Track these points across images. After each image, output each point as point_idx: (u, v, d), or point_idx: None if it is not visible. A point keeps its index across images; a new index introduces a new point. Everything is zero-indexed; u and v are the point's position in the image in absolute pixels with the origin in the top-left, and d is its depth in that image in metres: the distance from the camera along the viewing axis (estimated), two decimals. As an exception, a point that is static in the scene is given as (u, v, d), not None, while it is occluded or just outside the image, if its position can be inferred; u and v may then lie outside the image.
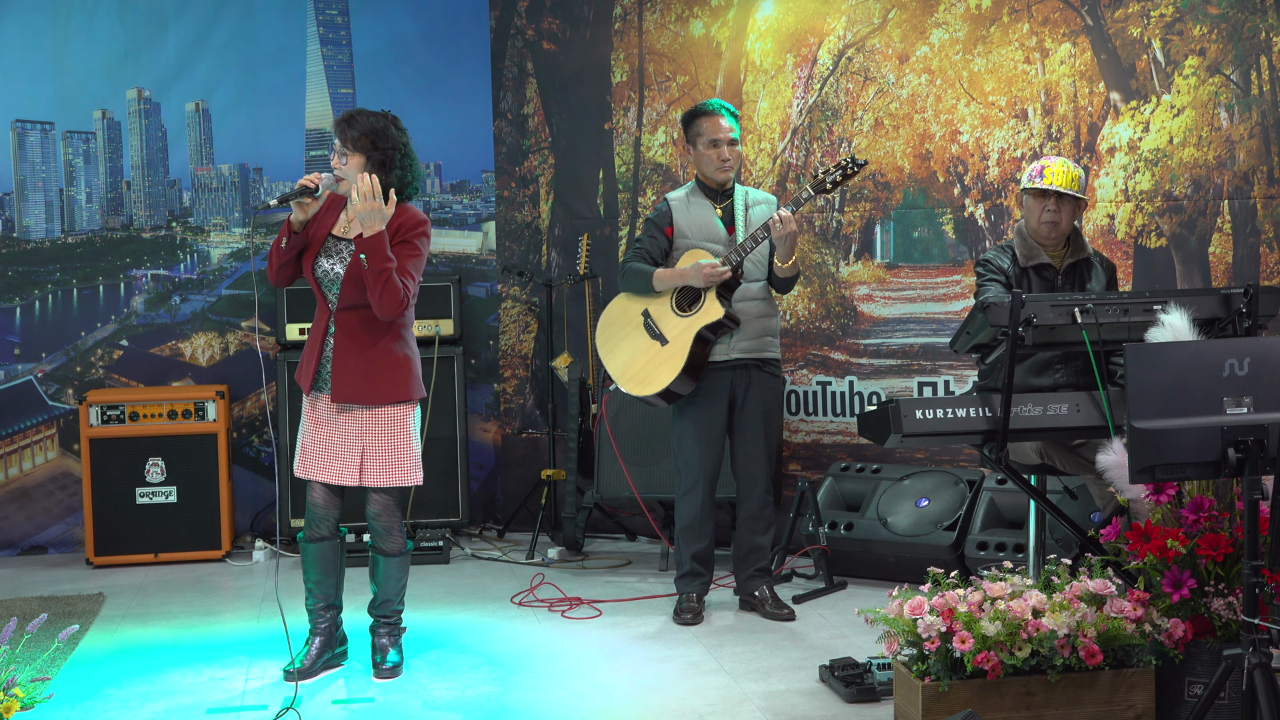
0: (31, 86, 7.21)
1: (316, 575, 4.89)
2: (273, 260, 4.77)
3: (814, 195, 5.31)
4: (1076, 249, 5.07)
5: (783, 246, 5.32)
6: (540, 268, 7.51)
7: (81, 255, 7.32)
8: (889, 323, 6.57)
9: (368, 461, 4.77)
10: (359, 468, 4.76)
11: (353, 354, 4.74)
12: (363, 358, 4.73)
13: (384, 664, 4.87)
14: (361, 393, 4.74)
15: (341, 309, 4.75)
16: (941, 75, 6.37)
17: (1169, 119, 5.91)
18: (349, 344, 4.75)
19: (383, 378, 4.76)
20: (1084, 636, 3.99)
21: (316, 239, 4.77)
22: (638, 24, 7.18)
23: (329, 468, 4.78)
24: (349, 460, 4.76)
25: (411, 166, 4.80)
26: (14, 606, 5.78)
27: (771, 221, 5.25)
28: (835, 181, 5.27)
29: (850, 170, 5.27)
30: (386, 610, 4.95)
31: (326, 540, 4.87)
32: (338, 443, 4.78)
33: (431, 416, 6.71)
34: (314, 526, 4.85)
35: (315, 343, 4.81)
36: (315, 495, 4.83)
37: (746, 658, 5.01)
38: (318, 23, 7.49)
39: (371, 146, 4.70)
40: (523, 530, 7.28)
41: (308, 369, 4.81)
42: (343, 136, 4.72)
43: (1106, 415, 4.38)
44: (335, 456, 4.77)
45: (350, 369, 4.73)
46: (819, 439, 6.72)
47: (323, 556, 4.87)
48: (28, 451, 7.23)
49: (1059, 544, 5.45)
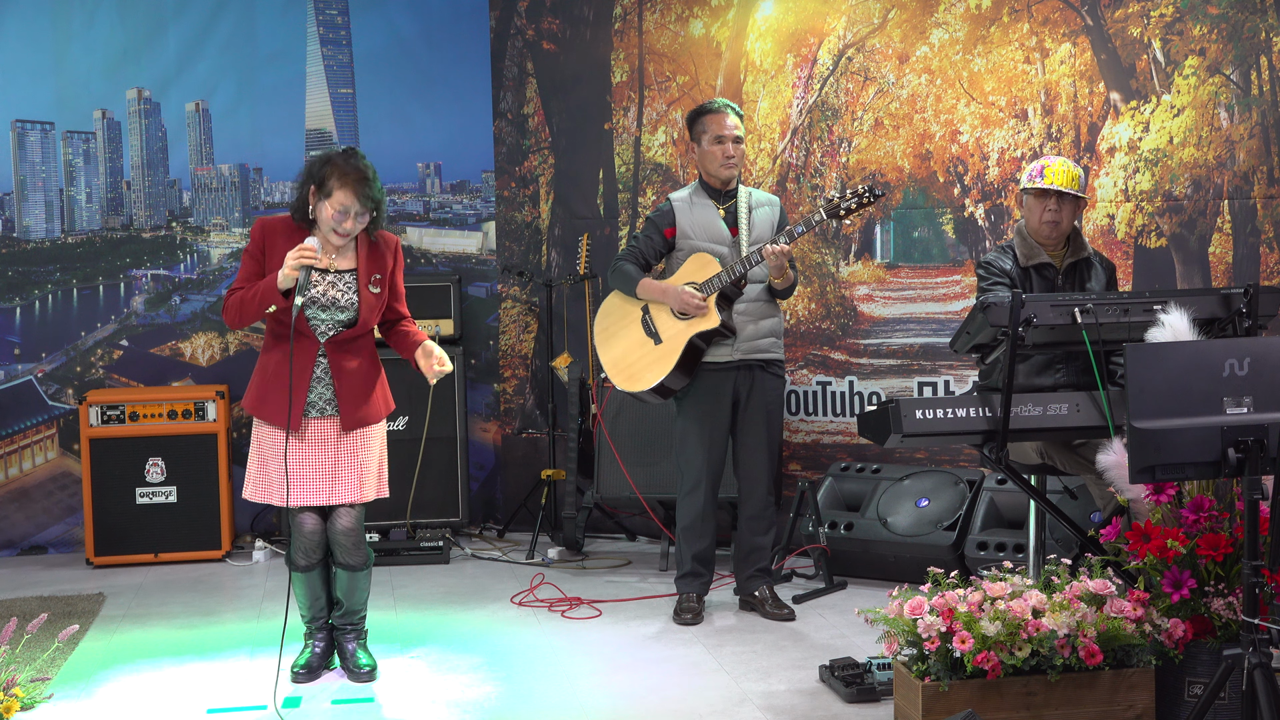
0: (31, 86, 7.20)
1: (313, 597, 4.88)
2: (246, 315, 4.62)
3: (826, 219, 5.28)
4: (1076, 249, 5.07)
5: (774, 270, 5.32)
6: (540, 268, 7.51)
7: (81, 255, 7.32)
8: (889, 323, 6.57)
9: (365, 477, 4.76)
10: (359, 485, 4.74)
11: (354, 378, 4.72)
12: (362, 380, 4.74)
13: (361, 668, 4.84)
14: (367, 414, 4.75)
15: (337, 340, 4.70)
16: (941, 75, 6.37)
17: (1169, 119, 5.91)
18: (348, 368, 4.71)
19: (377, 395, 4.80)
20: (1084, 636, 3.99)
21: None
22: (638, 24, 7.18)
23: (324, 490, 4.70)
24: (348, 479, 4.72)
25: None
26: (14, 606, 5.78)
27: (765, 251, 5.24)
28: (850, 209, 5.22)
29: (867, 200, 5.19)
30: (354, 619, 4.94)
31: (320, 565, 4.84)
32: (334, 465, 4.71)
33: (431, 417, 6.70)
34: (308, 554, 4.78)
35: (300, 373, 4.64)
36: (309, 524, 4.74)
37: (746, 658, 5.01)
38: (318, 23, 7.48)
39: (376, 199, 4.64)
40: (523, 530, 7.27)
41: (287, 400, 4.61)
42: (364, 203, 4.58)
43: (1107, 415, 4.38)
44: (332, 479, 4.70)
45: (356, 394, 4.72)
46: (819, 439, 6.72)
47: (318, 578, 4.87)
48: (28, 451, 7.23)
49: (1059, 544, 5.45)
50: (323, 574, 4.87)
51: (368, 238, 4.71)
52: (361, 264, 4.70)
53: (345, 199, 4.54)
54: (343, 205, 4.55)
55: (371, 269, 4.71)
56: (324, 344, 4.70)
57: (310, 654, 4.88)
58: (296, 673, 4.81)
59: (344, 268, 4.69)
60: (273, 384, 4.68)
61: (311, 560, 4.79)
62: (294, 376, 4.62)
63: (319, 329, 4.68)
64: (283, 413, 4.63)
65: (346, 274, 4.70)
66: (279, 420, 4.64)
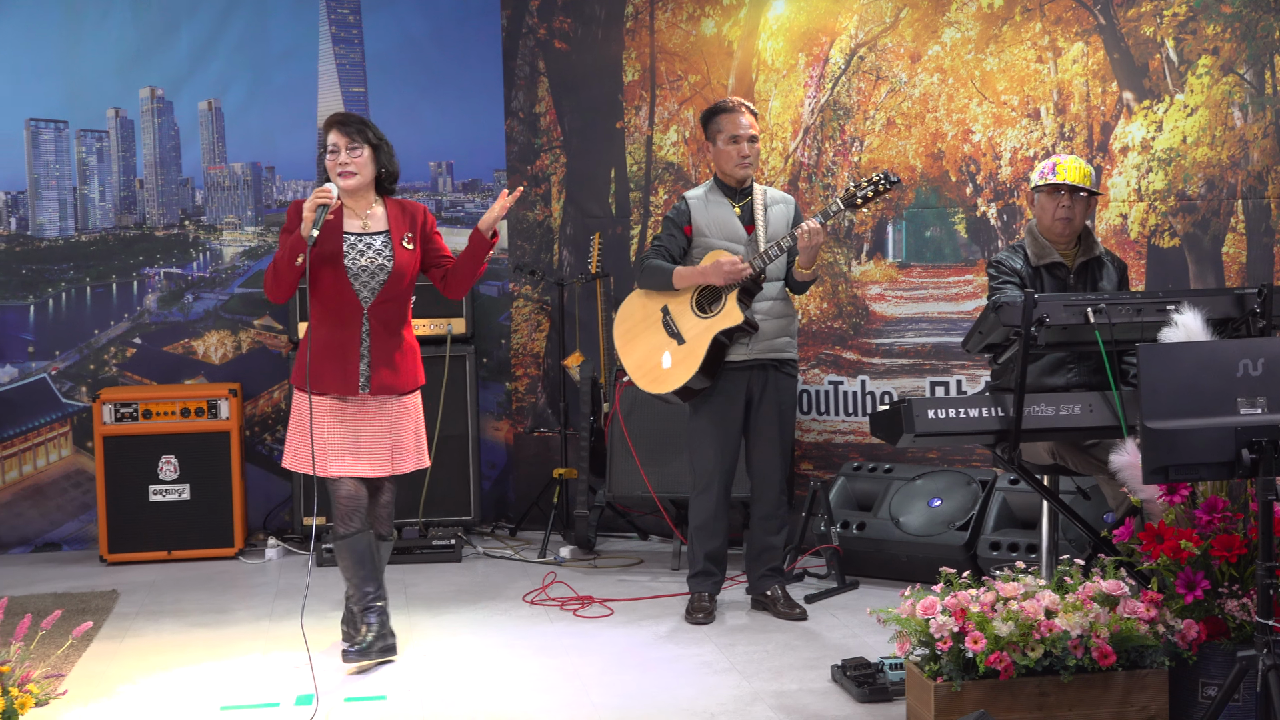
0: (45, 85, 7.23)
1: (364, 569, 4.95)
2: (284, 279, 4.79)
3: (843, 209, 5.28)
4: (1088, 248, 5.06)
5: (806, 255, 5.31)
6: (552, 266, 7.51)
7: (95, 253, 7.34)
8: (901, 322, 6.57)
9: (398, 450, 4.93)
10: (390, 458, 4.92)
11: (387, 347, 4.90)
12: (394, 349, 4.91)
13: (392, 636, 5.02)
14: (395, 382, 4.90)
15: (378, 303, 4.86)
16: (954, 74, 6.37)
17: (1182, 118, 5.90)
18: (384, 337, 4.89)
19: (409, 366, 4.97)
20: (1097, 637, 3.98)
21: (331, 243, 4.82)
22: (649, 23, 7.18)
23: (361, 462, 4.88)
24: (381, 452, 4.90)
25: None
26: (28, 603, 5.80)
27: (799, 232, 5.24)
28: (866, 198, 5.23)
29: (883, 187, 5.21)
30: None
31: (361, 533, 4.92)
32: (370, 436, 4.90)
33: (443, 415, 6.72)
34: (347, 521, 4.88)
35: (348, 343, 4.84)
36: (346, 489, 4.87)
37: (758, 657, 5.01)
38: (330, 22, 7.50)
39: (375, 137, 4.91)
40: (535, 529, 7.28)
41: (339, 372, 4.83)
42: (349, 134, 4.84)
43: (1120, 415, 4.38)
44: (368, 450, 4.89)
45: (385, 361, 4.89)
46: (831, 438, 6.72)
47: (365, 548, 4.93)
48: (42, 449, 7.25)
49: (1072, 544, 5.45)
50: (369, 546, 4.95)
51: (395, 201, 4.99)
52: (392, 224, 4.94)
53: (332, 138, 4.87)
54: (332, 144, 4.87)
55: (402, 228, 4.94)
56: (366, 311, 4.85)
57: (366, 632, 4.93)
58: (347, 652, 4.89)
59: (375, 229, 4.90)
60: (321, 355, 4.85)
61: (350, 527, 4.88)
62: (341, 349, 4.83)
63: (361, 294, 4.84)
64: (332, 382, 4.83)
65: (379, 236, 4.89)
66: (329, 387, 4.82)
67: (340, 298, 4.84)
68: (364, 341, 4.85)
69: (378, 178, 4.93)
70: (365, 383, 4.85)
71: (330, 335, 4.86)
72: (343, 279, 4.81)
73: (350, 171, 4.84)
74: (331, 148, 4.85)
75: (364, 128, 4.88)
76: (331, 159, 4.85)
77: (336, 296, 4.83)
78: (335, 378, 4.83)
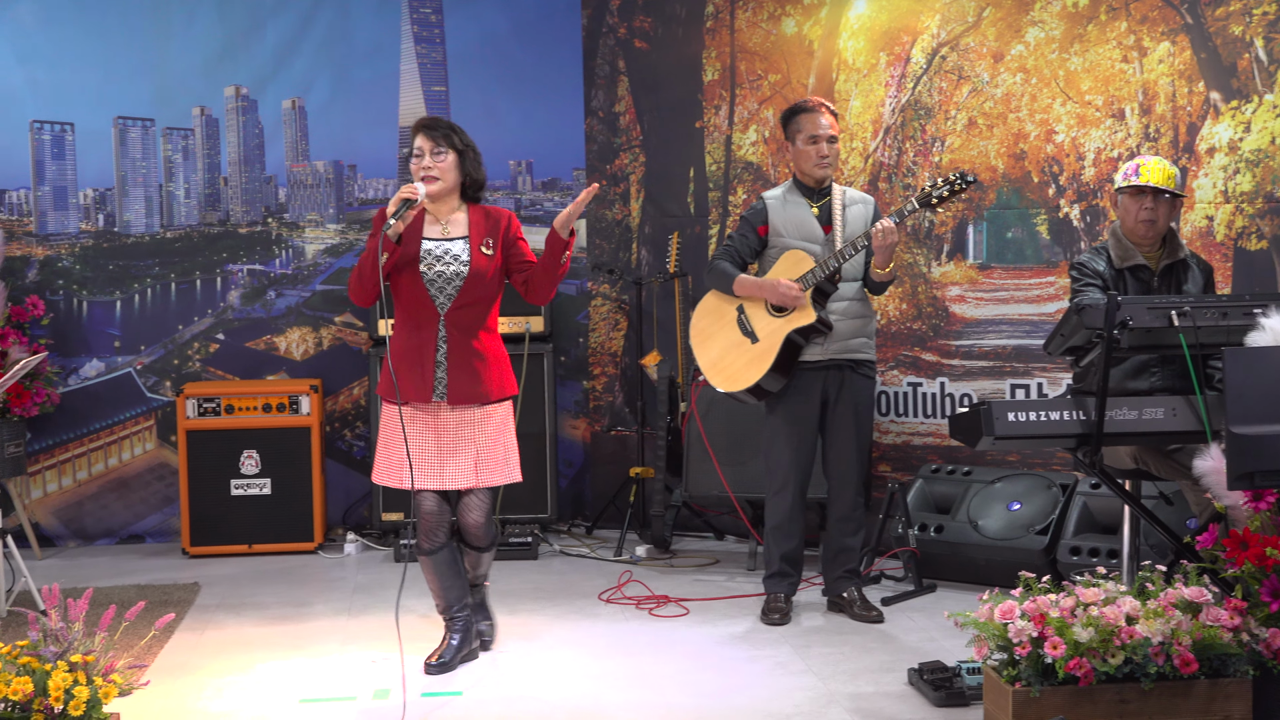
0: (132, 84, 7.35)
1: (445, 582, 4.94)
2: (368, 279, 4.71)
3: (919, 209, 5.25)
4: (1173, 250, 4.99)
5: (882, 254, 5.28)
6: (630, 265, 7.53)
7: (179, 250, 7.45)
8: (981, 324, 6.51)
9: (482, 462, 4.83)
10: (474, 470, 4.82)
11: (466, 354, 4.81)
12: (475, 357, 4.82)
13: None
14: (476, 392, 4.81)
15: (455, 309, 4.80)
16: (1037, 74, 6.31)
17: (1271, 119, 5.81)
18: (463, 344, 4.81)
19: (493, 375, 4.85)
20: (1179, 645, 3.93)
21: (410, 247, 4.81)
22: (729, 22, 7.17)
23: (443, 475, 4.81)
24: (463, 463, 4.81)
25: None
26: (112, 594, 5.90)
27: (874, 231, 5.21)
28: (942, 197, 5.19)
29: (959, 186, 5.17)
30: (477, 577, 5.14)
31: (445, 548, 4.90)
32: (449, 447, 4.81)
33: (521, 413, 6.73)
34: (430, 536, 4.85)
35: (424, 350, 4.80)
36: (429, 504, 4.83)
37: (834, 659, 4.99)
38: (412, 21, 7.56)
39: (461, 143, 4.86)
40: (611, 527, 7.29)
41: (416, 378, 4.79)
42: (435, 139, 4.81)
43: (1204, 420, 4.31)
44: (448, 462, 4.81)
45: (465, 369, 4.80)
46: (909, 440, 6.68)
47: (446, 564, 4.92)
48: (127, 442, 7.38)
49: (1154, 550, 5.37)
50: (453, 559, 4.93)
51: (479, 208, 4.93)
52: (473, 230, 4.87)
53: (418, 142, 4.83)
54: (418, 148, 4.83)
55: (483, 233, 4.87)
56: (443, 317, 4.80)
57: (447, 649, 4.93)
58: (429, 665, 4.88)
59: (455, 234, 4.86)
60: (400, 361, 4.82)
61: (434, 543, 4.86)
62: (418, 354, 4.80)
63: (438, 300, 4.79)
64: (409, 389, 4.78)
65: (458, 241, 4.85)
66: (407, 395, 4.78)
67: (417, 303, 4.81)
68: (440, 348, 4.80)
69: (462, 185, 4.89)
70: (443, 391, 4.79)
71: (408, 341, 4.83)
72: (419, 284, 4.78)
73: (433, 176, 4.80)
74: (417, 151, 4.82)
75: (451, 133, 4.84)
76: (416, 162, 4.82)
77: (414, 301, 4.81)
78: (413, 385, 4.78)
